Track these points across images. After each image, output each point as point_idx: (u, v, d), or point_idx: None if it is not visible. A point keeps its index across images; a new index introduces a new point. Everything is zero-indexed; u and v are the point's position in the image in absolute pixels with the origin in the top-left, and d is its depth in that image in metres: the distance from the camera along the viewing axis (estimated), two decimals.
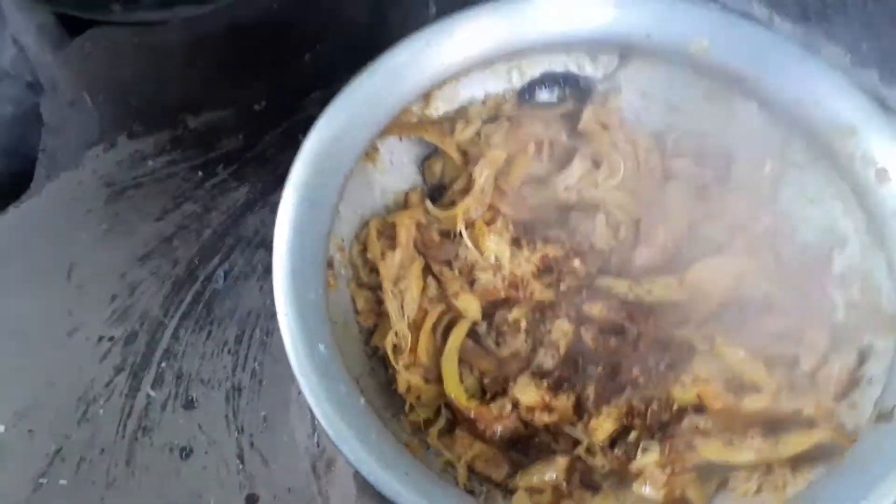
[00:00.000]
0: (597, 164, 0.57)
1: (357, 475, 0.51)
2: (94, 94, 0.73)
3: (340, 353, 0.44)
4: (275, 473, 0.59)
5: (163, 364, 0.65)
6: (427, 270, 0.53)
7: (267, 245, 0.71)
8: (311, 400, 0.38)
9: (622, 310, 0.52)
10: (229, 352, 0.65)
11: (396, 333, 0.49)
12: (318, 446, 0.56)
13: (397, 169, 0.56)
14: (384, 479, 0.36)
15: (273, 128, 0.76)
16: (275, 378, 0.63)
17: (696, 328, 0.52)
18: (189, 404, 0.63)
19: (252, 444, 0.60)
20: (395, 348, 0.49)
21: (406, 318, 0.50)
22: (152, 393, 0.63)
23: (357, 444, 0.37)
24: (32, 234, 0.71)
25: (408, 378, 0.48)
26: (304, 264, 0.43)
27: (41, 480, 0.60)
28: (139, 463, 0.60)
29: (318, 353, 0.40)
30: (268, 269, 0.68)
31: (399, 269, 0.51)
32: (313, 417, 0.57)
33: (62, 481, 0.60)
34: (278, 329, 0.65)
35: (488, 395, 0.51)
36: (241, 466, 0.60)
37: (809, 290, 0.53)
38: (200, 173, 0.74)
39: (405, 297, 0.51)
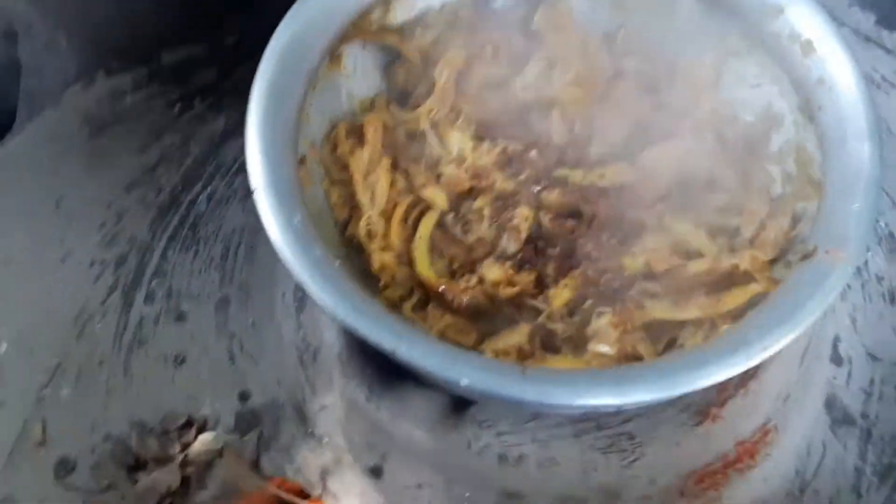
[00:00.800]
0: (551, 65, 0.61)
1: (340, 355, 0.55)
2: (69, 34, 0.76)
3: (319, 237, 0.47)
4: (264, 370, 0.63)
5: (153, 282, 0.68)
6: (395, 167, 0.57)
7: (246, 170, 0.74)
8: (289, 263, 0.42)
9: (577, 194, 0.56)
10: (216, 268, 0.69)
11: (369, 220, 0.53)
12: (303, 340, 0.60)
13: (362, 75, 0.59)
14: (357, 320, 0.40)
15: (246, 60, 0.77)
16: (260, 287, 0.67)
17: (645, 208, 0.56)
18: (180, 317, 0.66)
19: (242, 348, 0.64)
20: (369, 233, 0.53)
21: (377, 206, 0.54)
22: (145, 309, 0.67)
23: (332, 294, 0.41)
24: (19, 172, 0.74)
25: (381, 258, 0.52)
26: (276, 144, 0.46)
27: (44, 391, 0.63)
28: (136, 373, 0.64)
29: (293, 224, 0.44)
30: (248, 192, 0.72)
31: (368, 164, 0.55)
32: (297, 315, 0.62)
33: (64, 391, 0.63)
34: (261, 244, 0.70)
35: (457, 276, 0.55)
36: (232, 368, 0.63)
37: (750, 167, 0.58)
38: (178, 106, 0.77)
39: (376, 188, 0.54)
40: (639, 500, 0.53)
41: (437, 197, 0.56)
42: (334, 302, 0.41)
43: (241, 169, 0.74)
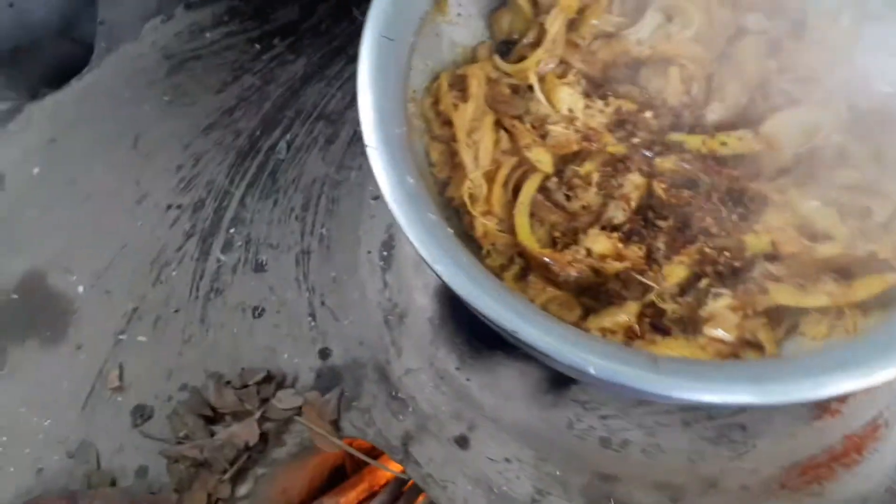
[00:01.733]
0: (669, 18, 0.56)
1: (432, 321, 0.53)
2: None
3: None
4: (346, 328, 0.61)
5: (231, 230, 0.66)
6: (498, 125, 0.53)
7: (326, 116, 0.71)
8: (404, 226, 0.39)
9: (695, 162, 0.52)
10: (296, 218, 0.66)
11: (472, 182, 0.50)
12: (389, 300, 0.58)
13: (465, 21, 0.55)
14: (478, 295, 0.37)
15: None
16: (342, 241, 0.64)
17: (769, 180, 0.52)
18: (259, 267, 0.64)
19: (323, 303, 0.62)
20: (471, 196, 0.50)
21: (480, 167, 0.50)
22: (222, 257, 0.65)
23: (451, 264, 0.38)
24: (97, 105, 0.72)
25: (484, 224, 0.49)
26: (387, 100, 0.43)
27: (120, 336, 0.62)
28: (213, 321, 0.63)
29: (407, 183, 0.41)
30: (328, 140, 0.70)
31: (472, 120, 0.51)
32: (383, 274, 0.59)
33: (140, 338, 0.62)
34: (342, 196, 0.67)
35: (559, 246, 0.52)
36: (312, 323, 0.61)
37: (884, 142, 0.53)
38: (258, 45, 0.74)
39: (479, 147, 0.51)
40: (738, 490, 0.51)
41: (543, 158, 0.52)
42: (452, 273, 0.38)
43: (321, 115, 0.71)
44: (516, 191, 0.52)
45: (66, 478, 0.58)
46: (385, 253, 0.59)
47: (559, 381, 0.49)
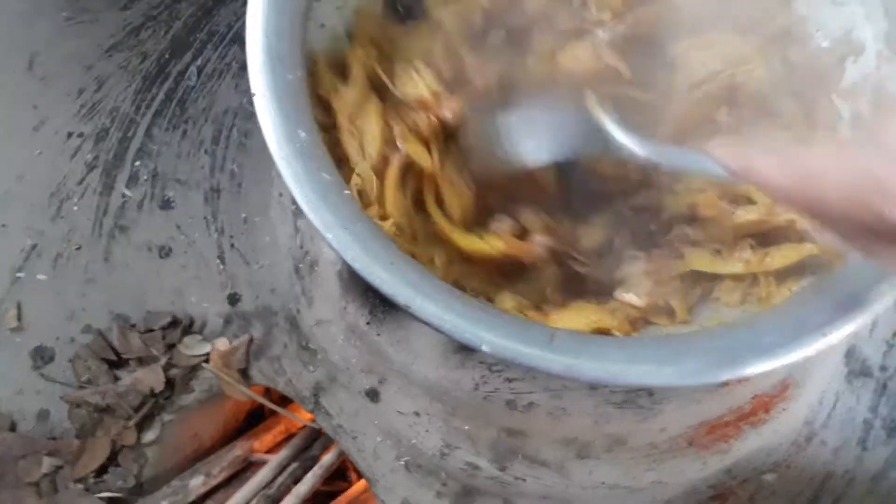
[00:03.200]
0: None
1: (341, 273, 0.51)
2: None
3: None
4: (257, 274, 0.58)
5: (137, 163, 0.62)
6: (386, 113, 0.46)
7: (241, 41, 0.65)
8: (293, 187, 0.36)
9: None
10: (206, 152, 0.62)
11: (359, 175, 0.43)
12: (300, 247, 0.55)
13: None
14: (369, 266, 0.35)
15: None
16: (254, 180, 0.61)
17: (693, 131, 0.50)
18: (166, 204, 0.61)
19: (233, 245, 0.59)
20: (361, 193, 0.42)
21: (367, 159, 0.44)
22: (127, 192, 0.61)
23: (342, 232, 0.35)
24: None
25: (383, 226, 0.44)
26: (281, 42, 0.39)
27: (18, 274, 0.59)
28: (118, 260, 0.60)
29: (299, 138, 0.37)
30: (243, 67, 0.65)
31: (354, 105, 0.45)
32: (295, 219, 0.56)
33: (40, 276, 0.59)
34: (256, 130, 0.62)
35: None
36: (221, 266, 0.59)
37: (816, 99, 0.51)
38: None
39: (364, 136, 0.44)
40: (645, 447, 0.51)
41: (419, 153, 0.45)
42: (343, 242, 0.35)
43: (236, 39, 0.66)
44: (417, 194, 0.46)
45: None
46: None
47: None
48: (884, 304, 0.36)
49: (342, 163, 0.43)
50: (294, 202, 0.55)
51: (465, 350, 0.47)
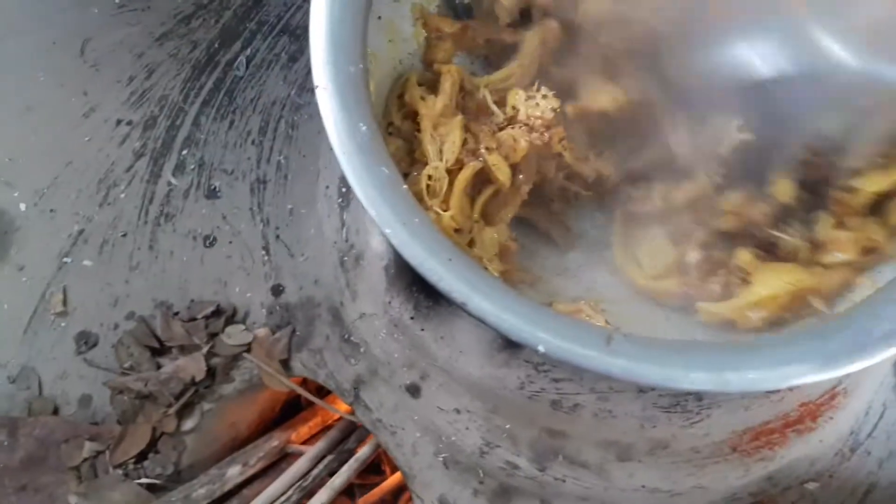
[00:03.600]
0: None
1: (387, 268, 0.50)
2: None
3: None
4: (301, 265, 0.58)
5: (184, 151, 0.62)
6: (467, 129, 0.48)
7: (290, 31, 0.66)
8: (353, 182, 0.36)
9: None
10: (253, 143, 0.62)
11: (433, 171, 0.45)
12: (346, 240, 0.55)
13: None
14: (427, 262, 0.35)
15: None
16: (301, 172, 0.61)
17: None
18: (212, 194, 0.61)
19: (278, 237, 0.59)
20: (429, 189, 0.45)
21: (445, 161, 0.46)
22: (174, 180, 0.62)
23: (400, 228, 0.35)
24: (40, 7, 0.66)
25: (440, 220, 0.45)
26: (344, 33, 0.39)
27: (65, 259, 0.59)
28: (162, 248, 0.60)
29: (360, 132, 0.37)
30: (292, 58, 0.66)
31: (440, 115, 0.47)
32: (341, 212, 0.56)
33: (86, 262, 0.59)
34: (303, 122, 0.63)
35: None
36: (266, 257, 0.59)
37: None
38: None
39: (445, 142, 0.46)
40: (688, 452, 0.50)
41: (500, 165, 0.47)
42: (401, 238, 0.35)
43: (285, 29, 0.66)
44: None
45: (6, 403, 0.56)
46: (344, 189, 0.55)
47: (513, 341, 0.48)
48: None
49: (417, 164, 0.43)
50: (341, 195, 0.56)
51: (510, 348, 0.47)
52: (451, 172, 0.45)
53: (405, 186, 0.38)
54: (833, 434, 0.55)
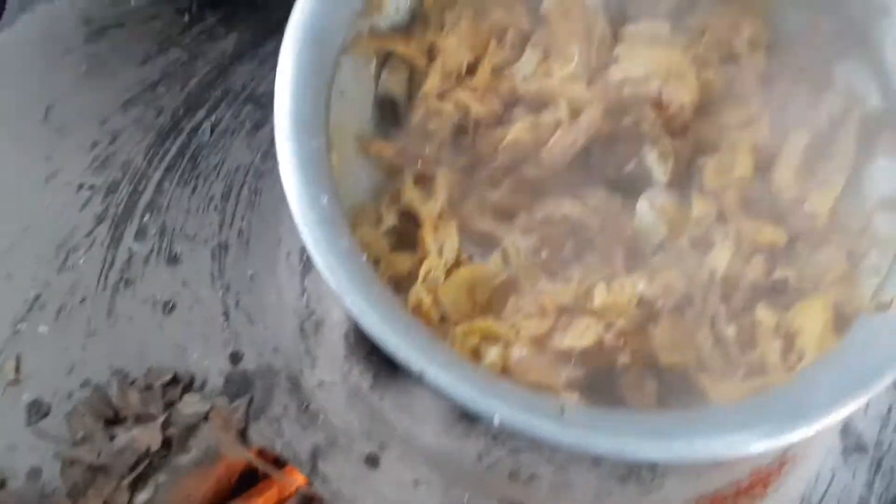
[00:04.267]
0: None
1: (347, 335, 0.51)
2: None
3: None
4: (261, 332, 0.58)
5: (146, 216, 0.62)
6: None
7: (255, 99, 0.68)
8: (313, 252, 0.37)
9: None
10: (215, 208, 0.63)
11: (431, 267, 0.46)
12: (306, 307, 0.55)
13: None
14: (385, 332, 0.35)
15: None
16: (263, 238, 0.61)
17: None
18: (173, 259, 0.61)
19: (238, 303, 0.59)
20: (426, 276, 0.45)
21: (444, 261, 0.46)
22: (135, 245, 0.61)
23: (359, 297, 0.36)
24: (6, 70, 0.66)
25: (423, 300, 0.44)
26: (307, 110, 0.40)
27: (19, 326, 0.58)
28: (121, 314, 0.59)
29: (321, 204, 0.38)
30: (256, 125, 0.67)
31: (437, 218, 0.48)
32: (302, 278, 0.56)
33: (42, 328, 0.59)
34: (266, 188, 0.64)
35: None
36: (225, 324, 0.59)
37: None
38: (187, 16, 0.69)
39: (445, 244, 0.47)
40: None
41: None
42: (359, 304, 0.36)
43: (251, 98, 0.67)
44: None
45: None
46: (305, 256, 0.56)
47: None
48: (886, 383, 0.37)
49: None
50: (302, 261, 0.56)
51: (469, 419, 0.47)
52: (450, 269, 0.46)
53: (364, 258, 0.38)
54: (785, 501, 0.55)
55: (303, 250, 0.57)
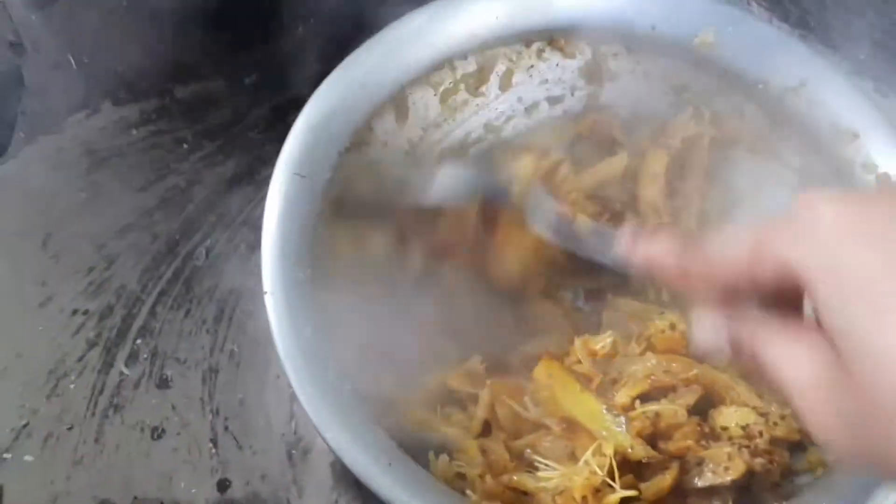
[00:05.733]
0: None
1: (334, 464, 0.50)
2: (78, 56, 0.71)
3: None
4: (249, 459, 0.57)
5: (138, 341, 0.63)
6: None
7: (250, 224, 0.69)
8: (294, 383, 0.37)
9: None
10: (207, 331, 0.63)
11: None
12: (294, 433, 0.55)
13: (391, 150, 0.54)
14: (366, 468, 0.35)
15: (262, 103, 0.74)
16: (253, 361, 0.61)
17: None
18: (163, 383, 0.61)
19: (227, 428, 0.59)
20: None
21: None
22: (126, 370, 0.61)
23: (340, 432, 0.36)
24: (8, 199, 0.68)
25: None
26: (294, 242, 0.41)
27: (5, 456, 0.57)
28: (109, 441, 0.58)
29: (305, 335, 0.38)
30: (250, 248, 0.68)
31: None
32: (291, 403, 0.56)
33: (27, 457, 0.58)
34: (259, 311, 0.63)
35: None
36: (213, 450, 0.58)
37: None
38: (186, 145, 0.72)
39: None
40: None
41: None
42: (342, 444, 0.35)
43: (246, 222, 0.69)
44: None
45: None
46: None
47: None
48: None
49: None
50: (291, 386, 0.56)
51: None
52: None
53: (348, 387, 0.38)
54: None
55: None
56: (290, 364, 0.38)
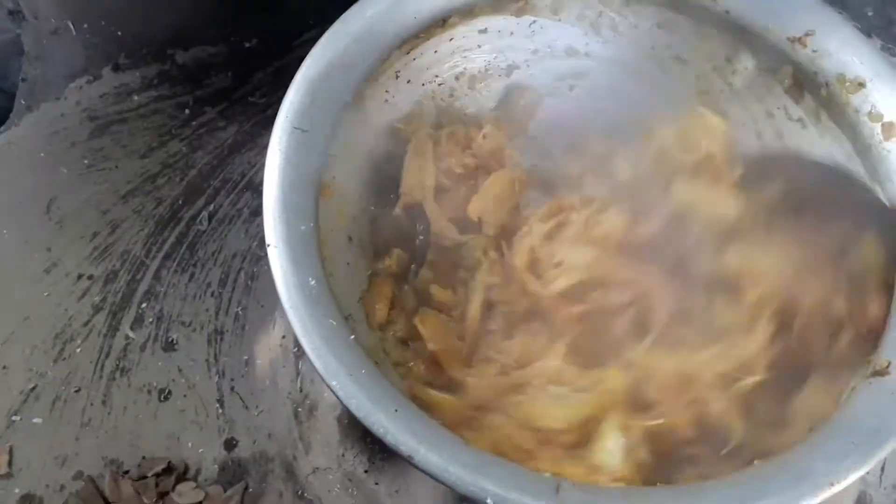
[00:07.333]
0: None
1: (340, 419, 0.50)
2: (78, 23, 0.70)
3: (331, 289, 0.41)
4: (255, 419, 0.57)
5: (143, 305, 0.63)
6: None
7: (253, 188, 0.69)
8: (299, 334, 0.37)
9: None
10: (212, 294, 0.63)
11: None
12: (300, 391, 0.55)
13: (392, 107, 0.53)
14: (373, 415, 0.35)
15: (264, 67, 0.74)
16: (258, 323, 0.61)
17: None
18: (169, 346, 0.61)
19: (233, 389, 0.59)
20: None
21: None
22: (131, 333, 0.62)
23: (346, 379, 0.36)
24: (11, 166, 0.68)
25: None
26: (296, 195, 0.41)
27: (14, 418, 0.58)
28: (116, 403, 0.59)
29: (308, 286, 0.38)
30: (254, 213, 0.68)
31: None
32: (296, 362, 0.56)
33: (36, 419, 0.58)
34: (263, 273, 0.64)
35: None
36: (220, 410, 0.58)
37: None
38: (187, 111, 0.72)
39: None
40: None
41: None
42: (346, 387, 0.35)
43: (248, 186, 0.69)
44: None
45: None
46: None
47: None
48: (888, 450, 0.36)
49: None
50: (296, 344, 0.56)
51: (467, 500, 0.46)
52: None
53: (351, 339, 0.38)
54: None
55: None
56: (294, 315, 0.38)
